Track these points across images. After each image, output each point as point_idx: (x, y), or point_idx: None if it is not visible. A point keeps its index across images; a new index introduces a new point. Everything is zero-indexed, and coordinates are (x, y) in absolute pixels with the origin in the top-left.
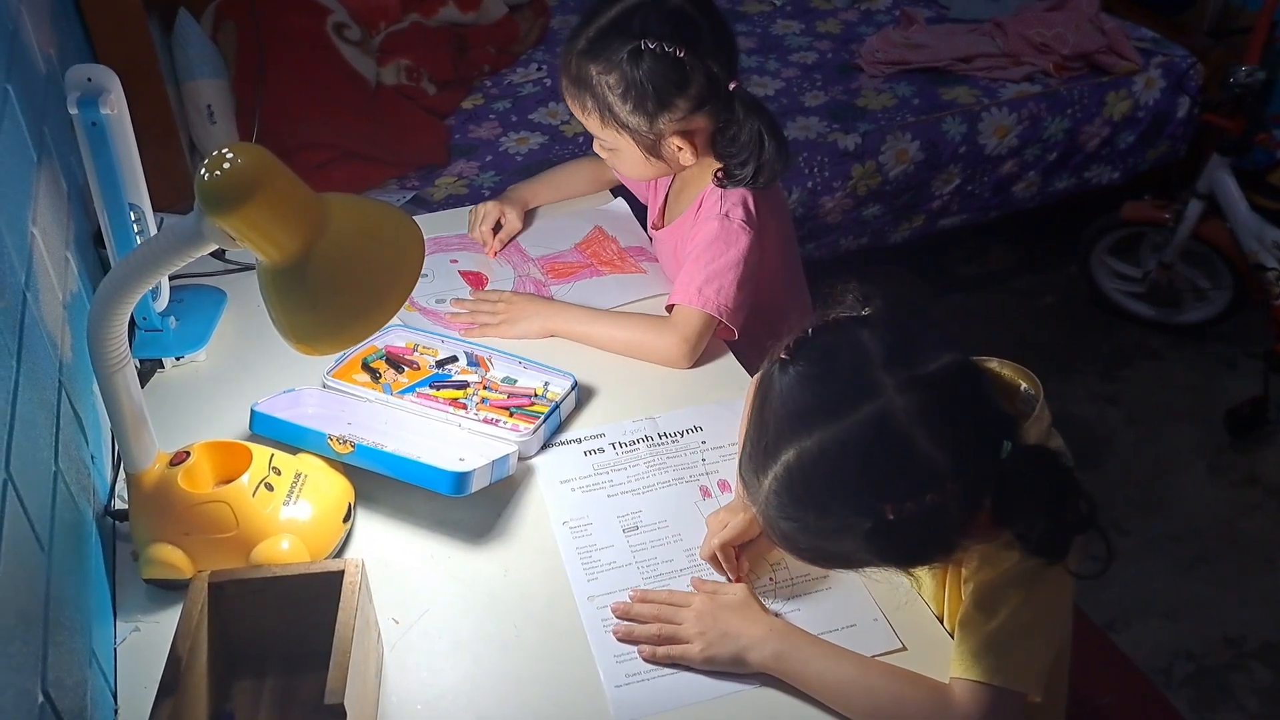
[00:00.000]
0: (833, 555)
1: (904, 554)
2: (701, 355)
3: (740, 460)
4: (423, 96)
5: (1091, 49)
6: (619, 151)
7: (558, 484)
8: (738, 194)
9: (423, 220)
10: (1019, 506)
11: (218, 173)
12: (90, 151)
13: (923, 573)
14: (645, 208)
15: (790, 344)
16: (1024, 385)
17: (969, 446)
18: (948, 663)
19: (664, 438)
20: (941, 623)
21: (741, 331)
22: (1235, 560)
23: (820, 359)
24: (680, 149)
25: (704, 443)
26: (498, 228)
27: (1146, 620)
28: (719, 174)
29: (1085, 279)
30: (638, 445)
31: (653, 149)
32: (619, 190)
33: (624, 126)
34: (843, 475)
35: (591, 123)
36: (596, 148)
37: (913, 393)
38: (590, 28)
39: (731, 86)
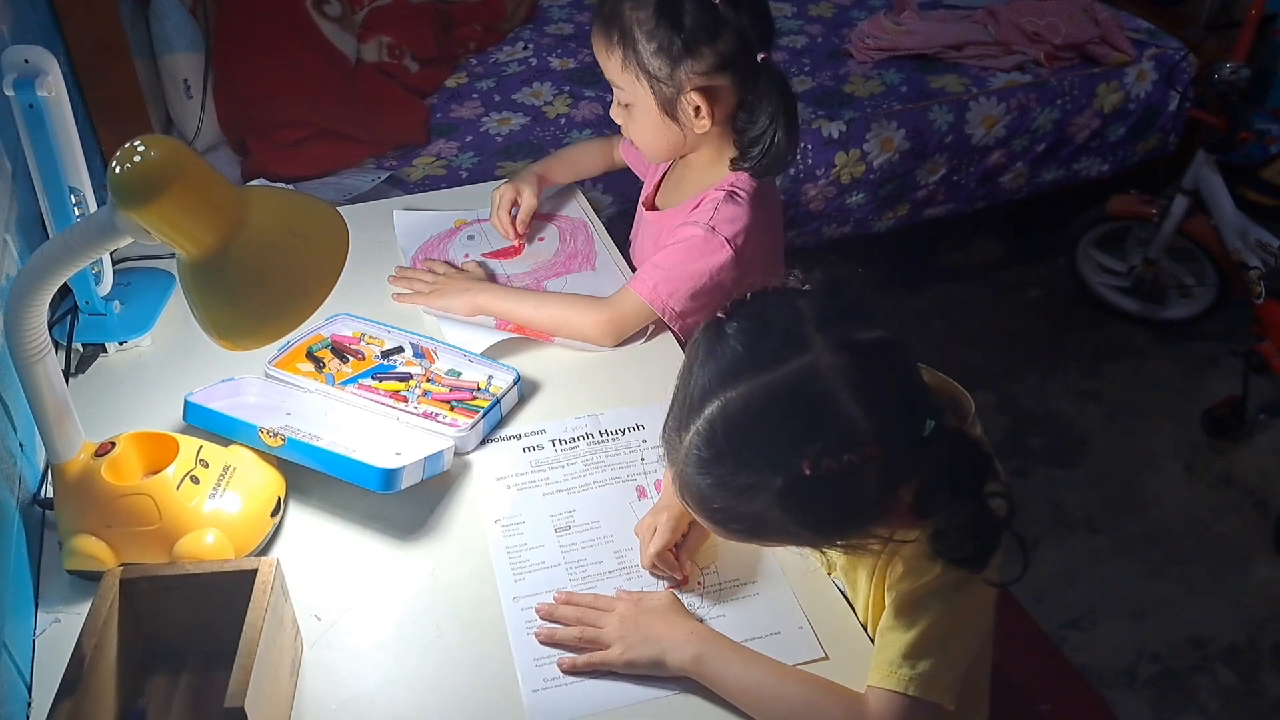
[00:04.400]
0: (745, 517)
1: (815, 519)
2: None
3: (665, 423)
4: (404, 75)
5: (1084, 39)
6: (634, 108)
7: (493, 481)
8: (735, 211)
9: (400, 200)
10: (938, 493)
11: (129, 165)
12: (28, 134)
13: (859, 577)
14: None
15: (727, 305)
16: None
17: (892, 415)
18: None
19: (605, 435)
20: (867, 631)
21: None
22: (1207, 562)
23: (754, 317)
24: (698, 109)
25: (644, 441)
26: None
27: (1112, 620)
28: (734, 159)
29: (1071, 272)
30: (578, 443)
31: (669, 105)
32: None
33: (644, 70)
34: (764, 427)
35: (613, 65)
36: (613, 113)
37: (842, 353)
38: None
39: (760, 58)
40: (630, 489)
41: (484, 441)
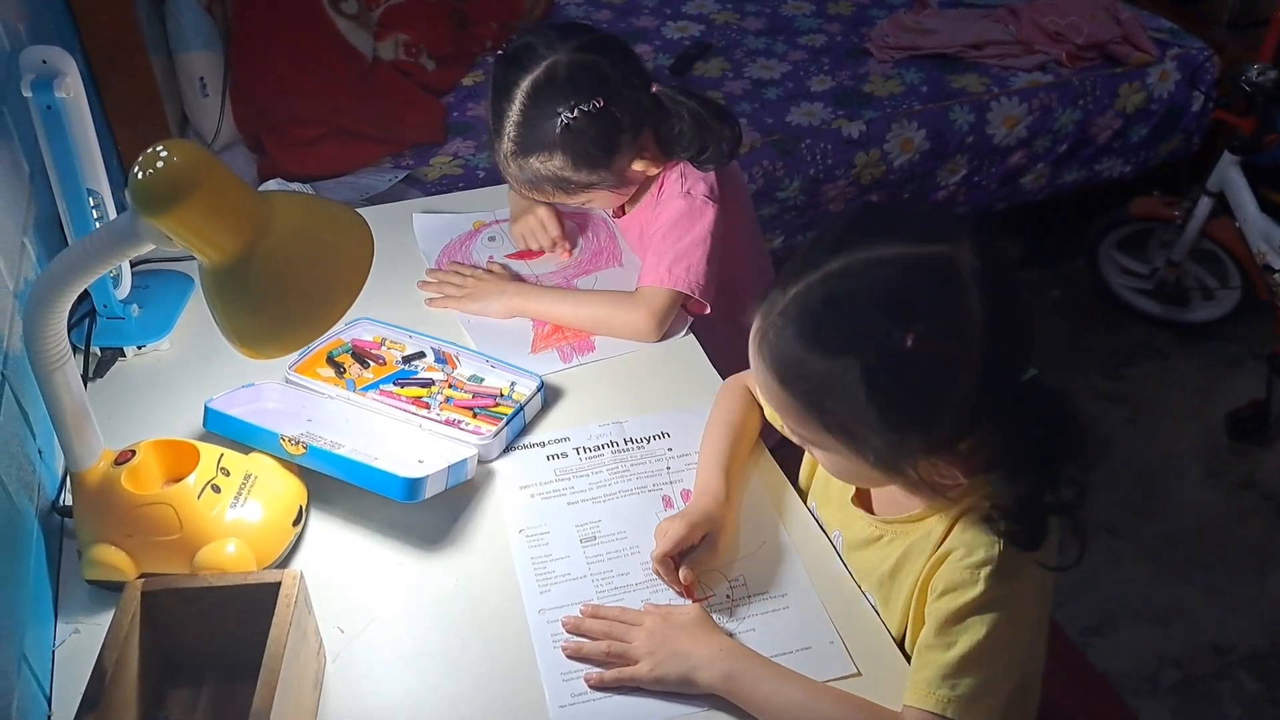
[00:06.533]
0: (816, 376)
1: (885, 402)
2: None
3: (769, 288)
4: (421, 73)
5: (1106, 39)
6: (594, 200)
7: (517, 489)
8: (696, 171)
9: (418, 202)
10: (1015, 444)
11: (150, 171)
12: (46, 136)
13: (894, 592)
14: None
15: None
16: None
17: (1008, 336)
18: (902, 690)
19: (630, 443)
20: (901, 647)
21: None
22: (1228, 566)
23: (908, 204)
24: (643, 168)
25: (670, 450)
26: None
27: (1135, 626)
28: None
29: (1092, 274)
30: (602, 451)
31: (619, 183)
32: None
33: (589, 186)
34: (886, 289)
35: (560, 200)
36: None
37: (986, 260)
38: (506, 127)
39: (654, 89)
40: (656, 498)
41: (507, 449)
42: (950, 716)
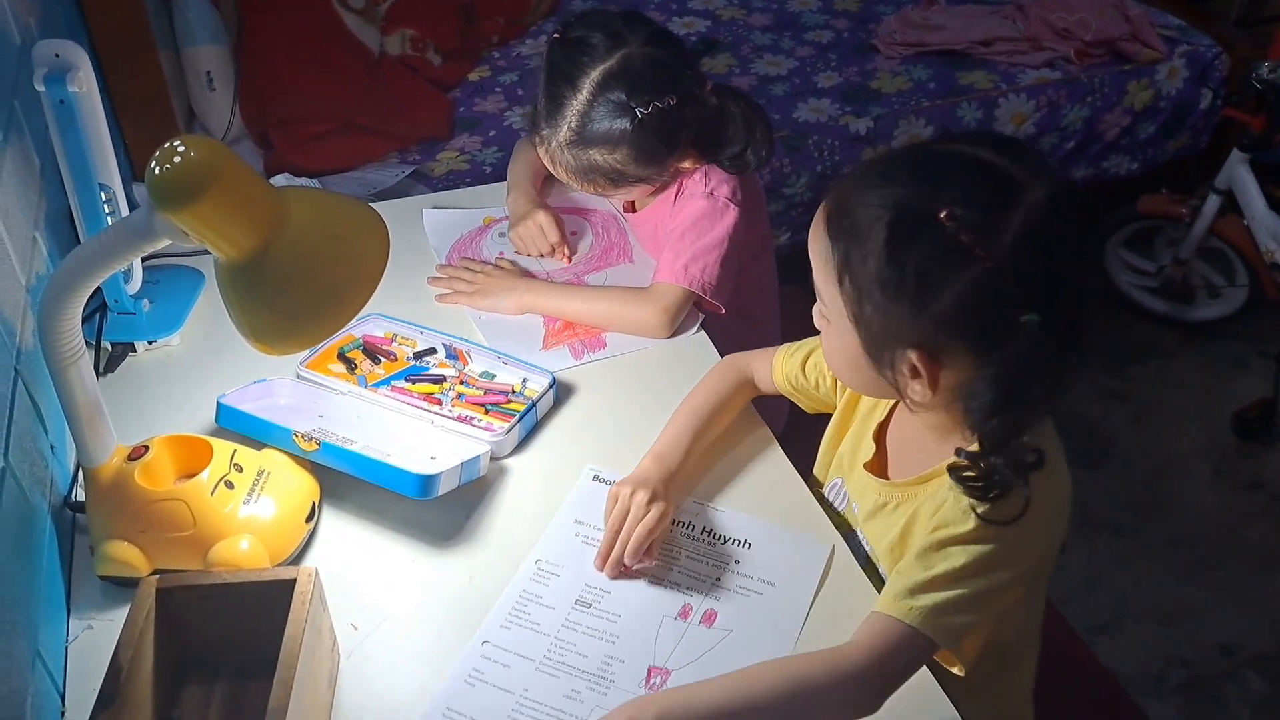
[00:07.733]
0: (852, 231)
1: (904, 266)
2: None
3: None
4: (427, 68)
5: (1114, 35)
6: (632, 193)
7: (573, 521)
8: (721, 173)
9: (426, 198)
10: (1000, 376)
11: (168, 166)
12: (58, 130)
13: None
14: None
15: None
16: None
17: (1029, 270)
18: None
19: (705, 534)
20: None
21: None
22: (1235, 567)
23: (1024, 143)
24: (688, 166)
25: (738, 562)
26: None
27: (1141, 625)
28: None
29: (1099, 272)
30: (673, 528)
31: (665, 178)
32: None
33: (639, 180)
34: (951, 169)
35: (605, 192)
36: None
37: (1053, 206)
38: (568, 114)
39: (708, 88)
40: (678, 602)
41: (595, 478)
42: (910, 623)
